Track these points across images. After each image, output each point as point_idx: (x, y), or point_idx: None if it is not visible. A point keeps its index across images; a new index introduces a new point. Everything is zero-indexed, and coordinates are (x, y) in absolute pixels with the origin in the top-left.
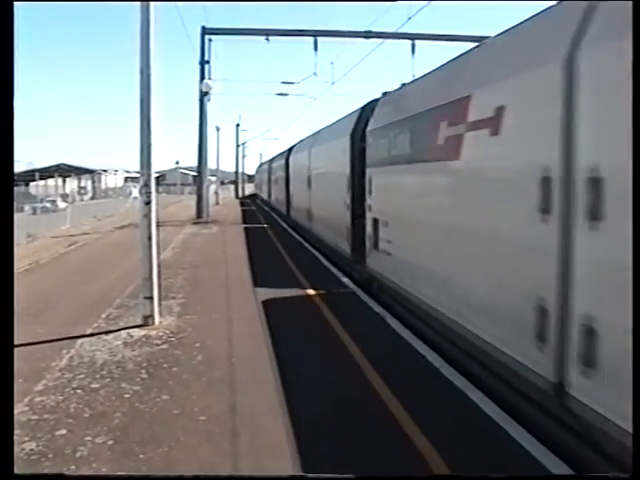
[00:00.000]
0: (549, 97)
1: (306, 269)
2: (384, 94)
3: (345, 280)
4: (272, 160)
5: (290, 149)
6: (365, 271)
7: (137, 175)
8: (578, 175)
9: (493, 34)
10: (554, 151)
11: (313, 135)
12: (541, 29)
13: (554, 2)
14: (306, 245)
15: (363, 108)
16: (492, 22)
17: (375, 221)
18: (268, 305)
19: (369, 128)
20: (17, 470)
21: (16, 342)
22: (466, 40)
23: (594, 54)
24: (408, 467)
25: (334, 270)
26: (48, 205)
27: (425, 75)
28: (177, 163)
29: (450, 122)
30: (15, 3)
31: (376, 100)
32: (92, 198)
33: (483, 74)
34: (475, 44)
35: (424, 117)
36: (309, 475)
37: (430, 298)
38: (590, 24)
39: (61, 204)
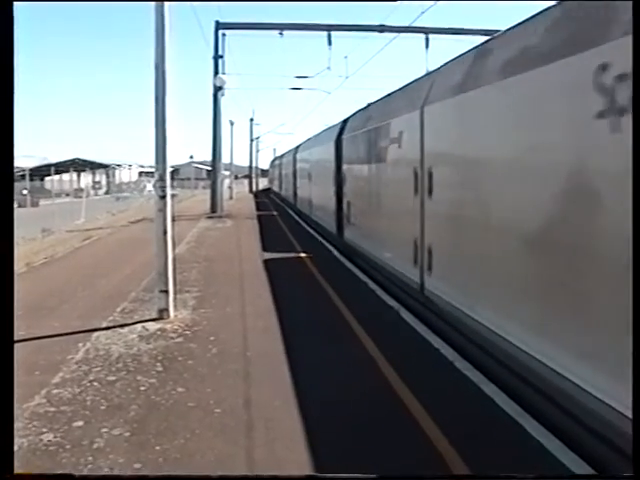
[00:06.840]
0: (417, 128)
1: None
2: (368, 104)
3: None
4: (282, 156)
5: (298, 147)
6: (343, 240)
7: (151, 170)
8: (425, 171)
9: (504, 27)
10: (418, 158)
11: (314, 137)
12: (416, 91)
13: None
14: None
15: (345, 120)
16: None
17: (348, 203)
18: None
19: (343, 136)
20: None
21: (32, 335)
22: (478, 34)
23: (427, 109)
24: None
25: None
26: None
27: (376, 101)
28: (191, 157)
29: (380, 137)
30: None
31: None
32: (106, 193)
33: (392, 111)
34: (486, 37)
35: (367, 133)
36: (326, 475)
37: (370, 247)
38: (429, 94)
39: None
